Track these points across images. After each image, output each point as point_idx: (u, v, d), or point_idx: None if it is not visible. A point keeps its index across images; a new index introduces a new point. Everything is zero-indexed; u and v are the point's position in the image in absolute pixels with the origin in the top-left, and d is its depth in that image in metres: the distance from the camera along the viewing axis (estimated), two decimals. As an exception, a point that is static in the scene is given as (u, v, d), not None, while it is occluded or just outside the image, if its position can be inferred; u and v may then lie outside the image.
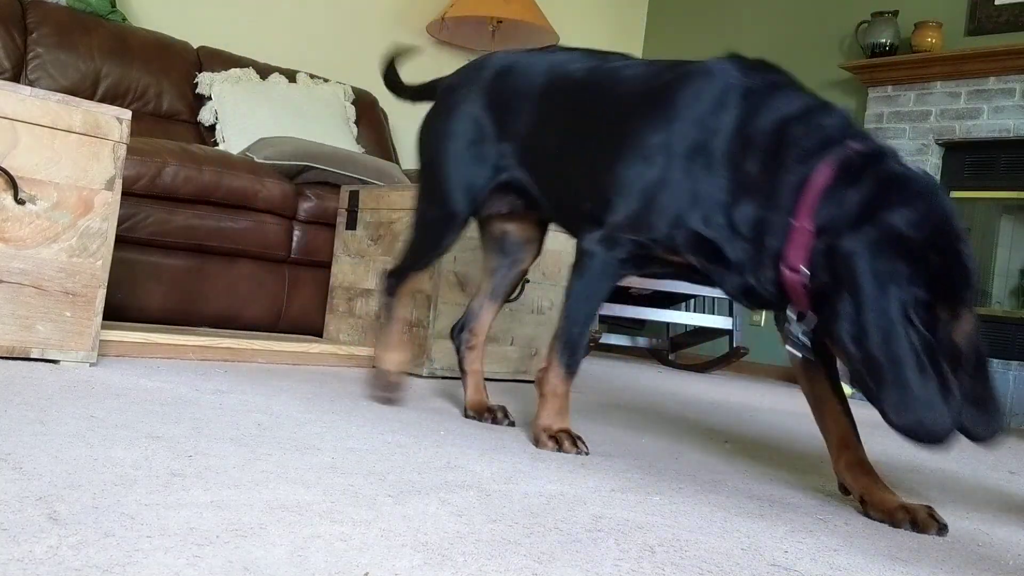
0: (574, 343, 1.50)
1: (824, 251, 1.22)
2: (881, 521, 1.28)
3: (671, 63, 1.51)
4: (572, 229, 1.65)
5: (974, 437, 1.17)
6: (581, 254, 1.48)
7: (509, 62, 1.74)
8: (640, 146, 1.41)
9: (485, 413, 1.78)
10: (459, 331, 1.88)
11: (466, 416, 1.80)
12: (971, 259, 1.17)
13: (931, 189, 1.24)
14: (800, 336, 1.31)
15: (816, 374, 1.43)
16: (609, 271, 1.47)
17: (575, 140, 1.58)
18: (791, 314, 1.31)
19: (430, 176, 1.79)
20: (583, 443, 1.51)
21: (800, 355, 1.34)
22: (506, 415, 1.77)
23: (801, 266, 1.26)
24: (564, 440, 1.49)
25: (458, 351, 1.88)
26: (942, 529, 1.24)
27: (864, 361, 1.15)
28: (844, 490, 1.39)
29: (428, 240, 1.78)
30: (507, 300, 1.91)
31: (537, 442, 1.51)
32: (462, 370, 1.87)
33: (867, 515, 1.31)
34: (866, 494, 1.33)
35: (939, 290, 1.16)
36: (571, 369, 1.51)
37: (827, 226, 1.23)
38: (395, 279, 1.86)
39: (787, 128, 1.31)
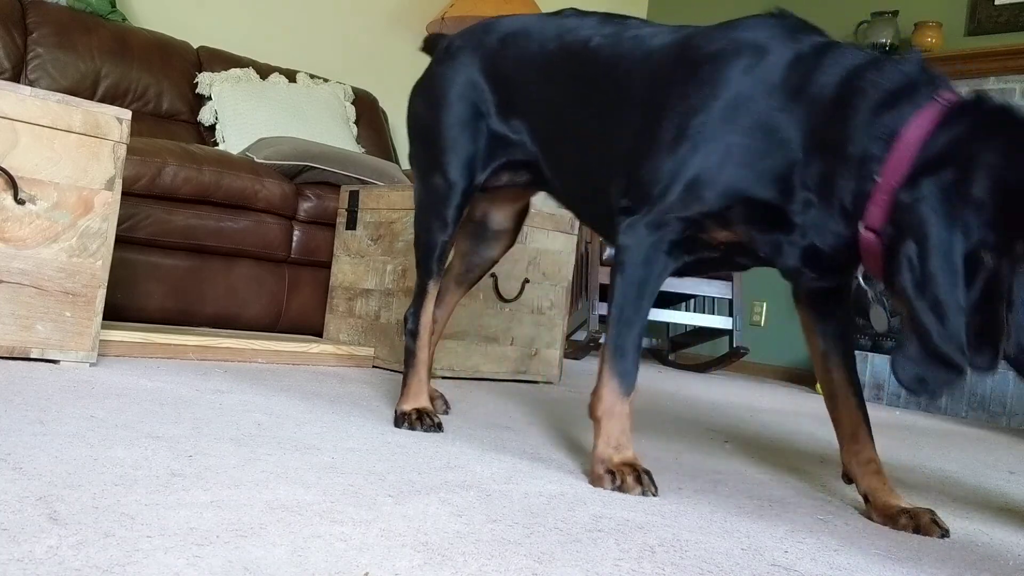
0: (626, 349, 1.26)
1: (901, 204, 1.09)
2: (883, 524, 1.28)
3: (705, 28, 1.35)
4: (596, 219, 1.52)
5: None
6: (622, 245, 1.27)
7: (519, 26, 1.57)
8: (687, 122, 1.24)
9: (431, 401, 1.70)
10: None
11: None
12: None
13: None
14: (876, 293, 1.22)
15: (834, 363, 1.37)
16: (658, 258, 1.26)
17: (601, 119, 1.41)
18: (859, 278, 1.24)
19: (424, 149, 1.62)
20: (651, 479, 1.24)
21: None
22: (445, 402, 1.77)
23: (883, 226, 1.12)
24: (626, 475, 1.22)
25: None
26: (944, 534, 1.23)
27: (930, 306, 1.04)
28: (847, 479, 1.37)
29: (429, 220, 1.59)
30: (470, 287, 1.81)
31: (592, 477, 1.25)
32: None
33: (869, 517, 1.31)
34: (871, 494, 1.32)
35: (1013, 236, 1.03)
36: (626, 381, 1.27)
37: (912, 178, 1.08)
38: (413, 308, 1.65)
39: (862, 76, 1.16)
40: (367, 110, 3.88)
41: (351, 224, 2.80)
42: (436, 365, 2.47)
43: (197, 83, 3.42)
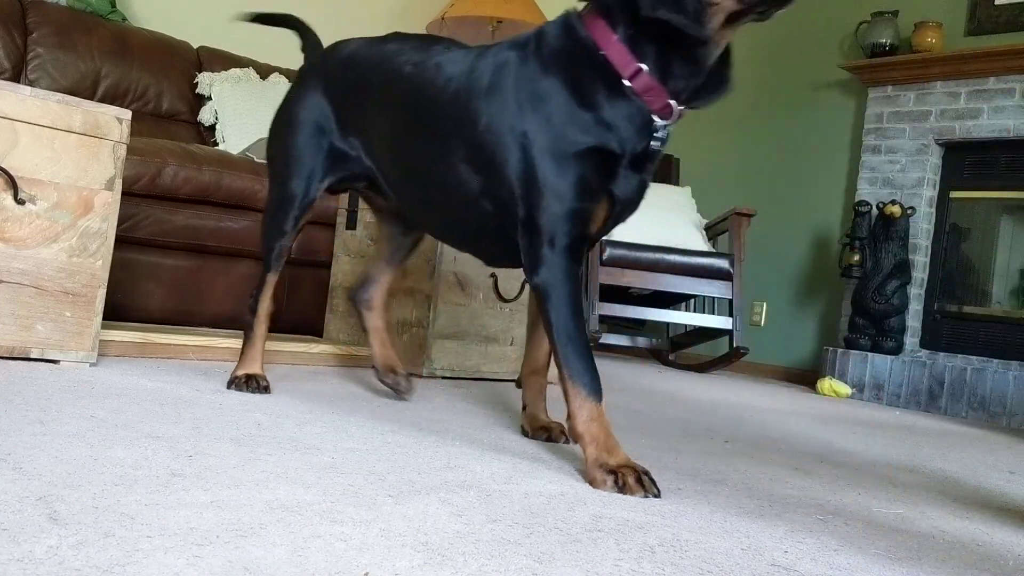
0: (580, 362, 1.34)
1: (637, 23, 1.33)
2: (530, 435, 1.62)
3: (481, 50, 1.54)
4: (441, 230, 1.70)
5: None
6: (543, 279, 1.37)
7: (351, 51, 1.75)
8: (511, 138, 1.40)
9: (389, 374, 1.89)
10: (356, 291, 1.96)
11: (376, 373, 1.92)
12: None
13: None
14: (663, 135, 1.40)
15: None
16: (571, 270, 1.37)
17: (425, 147, 1.56)
18: (660, 123, 1.37)
19: (274, 161, 1.84)
20: (651, 480, 1.26)
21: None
22: (407, 378, 1.91)
23: (636, 64, 1.34)
24: (627, 476, 1.25)
25: (358, 311, 1.95)
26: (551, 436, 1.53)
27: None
28: (519, 384, 1.72)
29: (271, 226, 1.80)
30: (403, 264, 2.00)
31: (594, 483, 1.27)
32: (364, 328, 1.95)
33: (522, 427, 1.65)
34: (529, 405, 1.66)
35: None
36: (593, 390, 1.33)
37: (627, 22, 1.34)
38: (255, 293, 1.83)
39: (565, 28, 1.42)
40: (367, 110, 3.87)
41: (351, 224, 2.80)
42: (436, 365, 2.47)
43: (197, 83, 3.42)
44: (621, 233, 4.14)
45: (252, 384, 1.77)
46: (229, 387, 1.77)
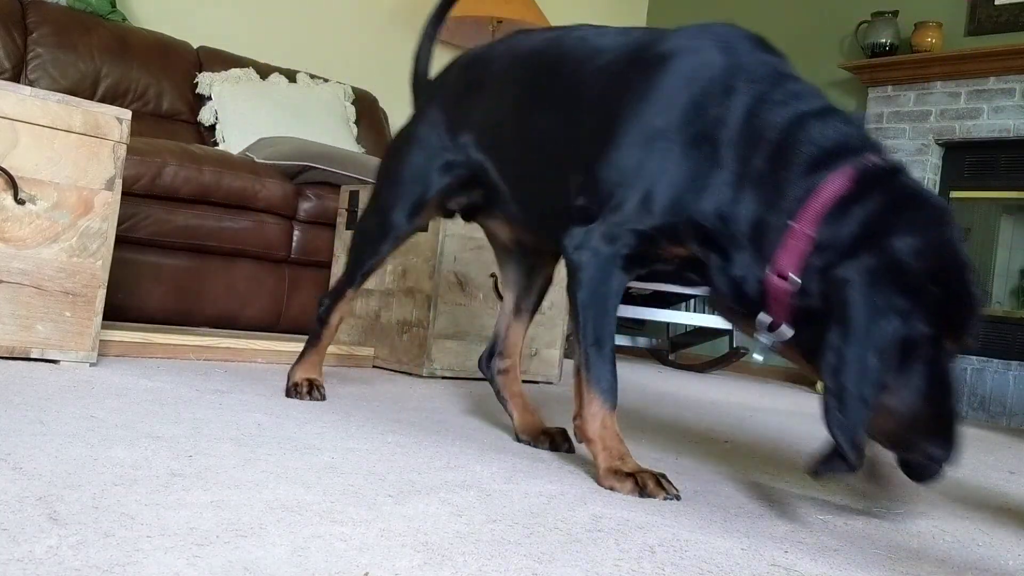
0: (603, 369, 1.27)
1: (821, 269, 1.13)
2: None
3: (656, 32, 1.37)
4: (546, 228, 1.50)
5: (915, 478, 1.20)
6: (578, 259, 1.28)
7: (474, 54, 1.64)
8: (640, 130, 1.26)
9: (541, 436, 1.54)
10: (488, 358, 1.68)
11: (518, 440, 1.58)
12: (975, 289, 1.11)
13: (941, 214, 1.15)
14: (766, 344, 1.22)
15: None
16: (615, 271, 1.27)
17: (547, 124, 1.43)
18: (763, 319, 1.20)
19: (381, 180, 1.72)
20: (669, 482, 1.25)
21: (759, 359, 1.30)
22: (566, 438, 1.52)
23: (791, 274, 1.15)
24: (647, 481, 1.23)
25: (492, 381, 1.67)
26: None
27: (835, 393, 1.08)
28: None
29: (367, 248, 1.69)
30: (535, 312, 1.69)
31: (612, 488, 1.25)
32: (501, 398, 1.66)
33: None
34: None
35: (940, 323, 1.09)
36: (609, 399, 1.27)
37: (829, 242, 1.13)
38: (328, 300, 1.78)
39: (803, 126, 1.19)
40: (367, 110, 3.88)
41: (351, 224, 2.80)
42: (436, 365, 2.47)
43: (197, 83, 3.42)
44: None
45: (314, 393, 1.74)
46: (290, 395, 1.73)
